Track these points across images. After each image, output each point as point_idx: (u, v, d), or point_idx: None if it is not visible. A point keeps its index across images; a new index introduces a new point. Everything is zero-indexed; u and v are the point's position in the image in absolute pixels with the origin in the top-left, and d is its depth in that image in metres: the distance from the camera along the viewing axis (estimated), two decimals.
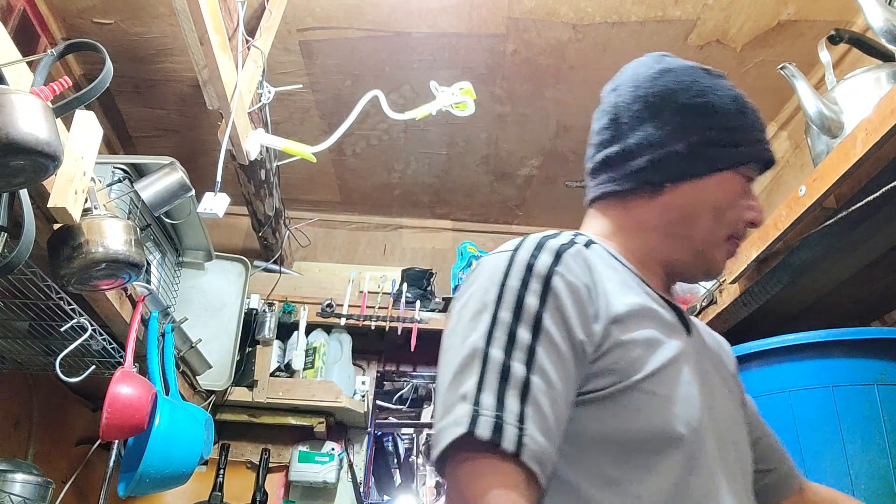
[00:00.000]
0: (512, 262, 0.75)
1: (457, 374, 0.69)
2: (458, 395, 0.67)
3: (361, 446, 2.74)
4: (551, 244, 0.77)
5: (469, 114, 1.97)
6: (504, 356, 0.68)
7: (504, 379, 0.67)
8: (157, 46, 2.24)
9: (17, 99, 0.97)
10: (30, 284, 1.38)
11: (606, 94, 0.95)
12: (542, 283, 0.72)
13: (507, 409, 0.65)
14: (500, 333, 0.69)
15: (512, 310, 0.71)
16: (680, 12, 2.08)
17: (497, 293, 0.72)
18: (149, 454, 1.63)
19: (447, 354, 0.73)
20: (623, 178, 0.88)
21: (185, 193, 1.71)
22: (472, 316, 0.72)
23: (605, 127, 0.92)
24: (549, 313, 0.71)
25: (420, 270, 2.81)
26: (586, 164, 0.96)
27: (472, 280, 0.78)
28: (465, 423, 0.64)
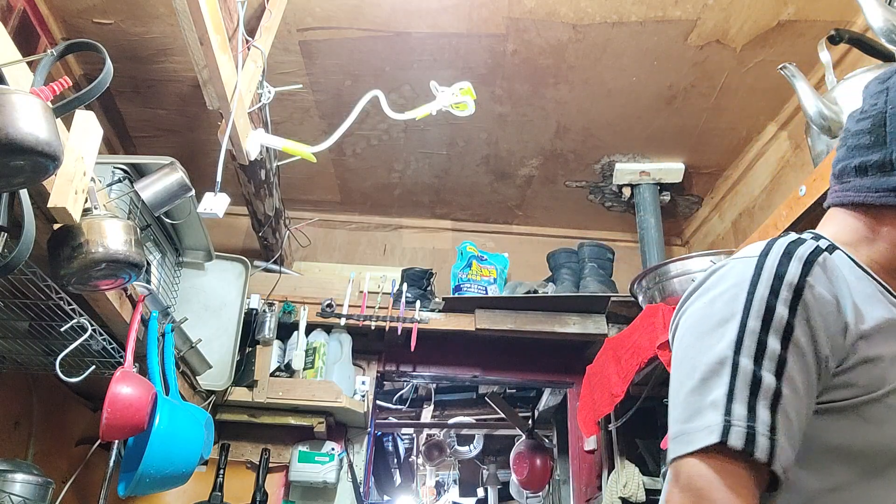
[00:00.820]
0: (760, 268, 0.75)
1: (704, 379, 0.71)
2: (707, 401, 0.69)
3: (361, 446, 2.74)
4: (800, 252, 0.76)
5: (469, 114, 1.97)
6: (754, 365, 0.69)
7: (755, 389, 0.68)
8: (157, 46, 2.24)
9: (17, 99, 0.97)
10: (30, 284, 1.38)
11: (872, 94, 0.89)
12: (792, 294, 0.72)
13: (758, 419, 0.67)
14: (749, 342, 0.70)
15: (761, 318, 0.71)
16: (680, 12, 2.08)
17: (745, 301, 0.73)
18: (149, 454, 1.63)
19: (688, 353, 0.75)
20: (880, 192, 0.84)
21: (185, 193, 1.71)
22: (719, 322, 0.73)
23: (866, 131, 0.87)
24: (798, 324, 0.71)
25: (420, 270, 2.81)
26: (835, 164, 0.92)
27: (715, 281, 0.78)
28: (718, 433, 0.66)
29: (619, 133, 2.63)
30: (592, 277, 2.76)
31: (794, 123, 2.42)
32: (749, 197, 2.73)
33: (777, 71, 1.55)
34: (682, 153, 2.75)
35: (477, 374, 2.91)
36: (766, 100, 2.41)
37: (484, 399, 4.26)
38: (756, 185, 2.68)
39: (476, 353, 2.87)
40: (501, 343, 2.81)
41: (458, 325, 2.66)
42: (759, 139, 2.59)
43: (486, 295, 2.72)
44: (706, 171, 2.84)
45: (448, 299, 2.69)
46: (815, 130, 1.47)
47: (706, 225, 3.09)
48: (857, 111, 0.91)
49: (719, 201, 2.95)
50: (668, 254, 2.85)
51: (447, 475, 6.41)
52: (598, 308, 2.68)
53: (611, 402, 2.18)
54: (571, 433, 2.90)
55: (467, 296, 2.71)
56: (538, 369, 2.93)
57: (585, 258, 2.83)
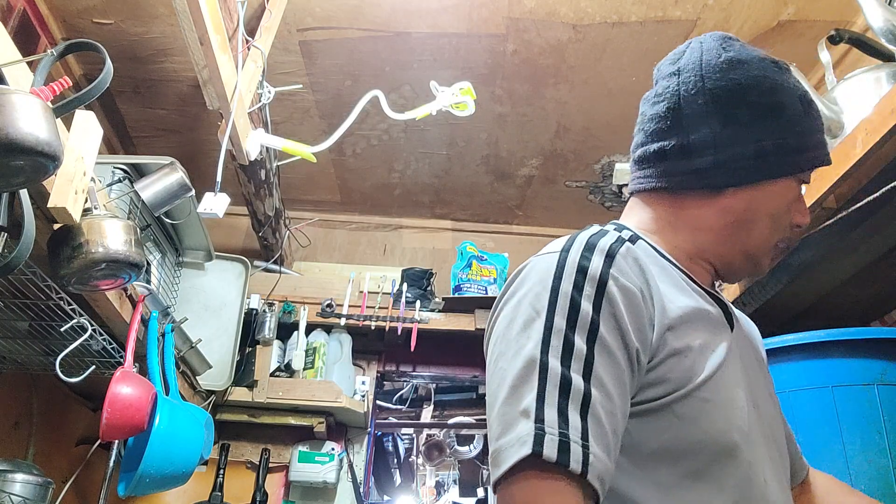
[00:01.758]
0: (563, 264, 0.71)
1: (514, 386, 0.65)
2: (518, 410, 0.64)
3: (361, 446, 2.74)
4: (602, 244, 0.73)
5: (469, 114, 1.97)
6: (562, 367, 0.64)
7: (564, 392, 0.63)
8: (157, 46, 2.24)
9: (17, 99, 0.97)
10: (30, 284, 1.38)
11: (665, 76, 0.88)
12: (595, 287, 0.69)
13: (570, 425, 0.62)
14: (556, 342, 0.66)
15: (566, 315, 0.67)
16: (680, 12, 2.08)
17: (549, 298, 0.69)
18: (149, 454, 1.63)
19: (499, 363, 0.69)
20: (680, 176, 0.82)
21: (185, 193, 1.71)
22: (525, 323, 0.69)
23: (661, 115, 0.85)
24: (604, 320, 0.67)
25: (420, 270, 2.81)
26: (634, 150, 0.89)
27: (519, 283, 0.74)
28: (530, 443, 0.61)
29: (619, 133, 2.63)
30: None
31: None
32: None
33: None
34: None
35: (477, 374, 2.91)
36: None
37: (484, 399, 4.26)
38: None
39: (476, 353, 2.84)
40: None
41: (458, 325, 2.66)
42: None
43: (486, 295, 2.72)
44: None
45: (448, 299, 2.69)
46: None
47: None
48: (650, 93, 0.89)
49: None
50: None
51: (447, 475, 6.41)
52: None
53: None
54: None
55: (467, 296, 2.71)
56: None
57: None
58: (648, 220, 0.86)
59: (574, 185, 2.97)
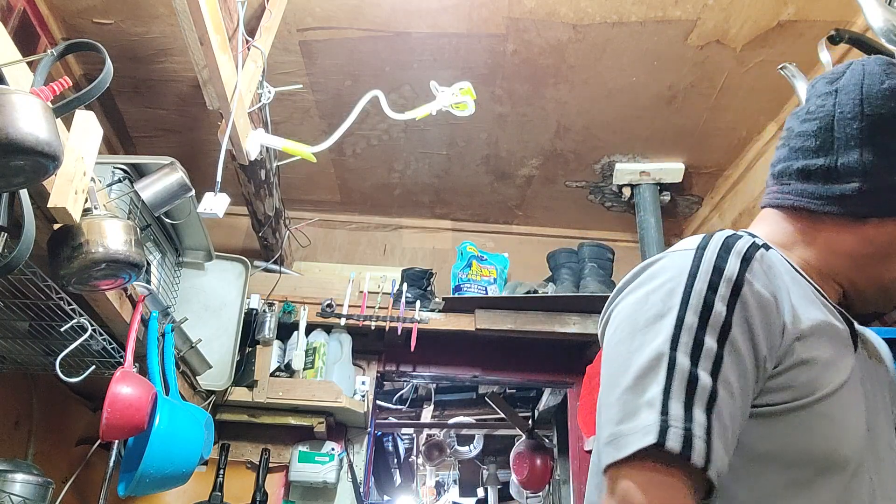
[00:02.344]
0: (698, 262, 0.72)
1: (639, 376, 0.67)
2: (642, 400, 0.66)
3: (361, 446, 2.74)
4: (739, 246, 0.73)
5: (469, 114, 1.97)
6: (690, 363, 0.66)
7: (691, 388, 0.65)
8: (157, 46, 2.24)
9: (17, 99, 0.97)
10: (30, 284, 1.38)
11: (819, 95, 0.85)
12: (730, 290, 0.69)
13: (695, 420, 0.64)
14: (686, 338, 0.67)
15: (698, 314, 0.68)
16: (680, 12, 2.08)
17: (683, 295, 0.70)
18: (149, 454, 1.63)
19: (620, 349, 0.71)
20: (823, 199, 0.81)
21: (185, 193, 1.71)
22: (655, 317, 0.70)
23: (811, 133, 0.83)
24: (736, 322, 0.68)
25: (420, 270, 2.81)
26: (775, 163, 0.88)
27: (650, 275, 0.75)
28: (655, 433, 0.63)
29: (619, 133, 2.63)
30: (592, 277, 2.76)
31: None
32: (749, 197, 2.73)
33: (777, 71, 1.55)
34: (682, 153, 2.75)
35: (477, 374, 2.91)
36: (766, 100, 2.41)
37: (484, 399, 4.27)
38: (756, 184, 2.68)
39: (476, 353, 2.87)
40: (501, 343, 2.81)
41: (458, 325, 2.66)
42: (759, 139, 2.59)
43: (486, 295, 2.72)
44: (706, 171, 2.84)
45: (448, 299, 2.69)
46: None
47: (706, 225, 3.09)
48: (801, 110, 0.87)
49: (719, 201, 2.95)
50: None
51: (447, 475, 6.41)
52: (598, 308, 2.65)
53: None
54: (571, 433, 2.90)
55: (467, 296, 2.71)
56: (538, 369, 2.93)
57: (585, 258, 2.83)
58: (781, 235, 0.85)
59: (574, 185, 2.97)
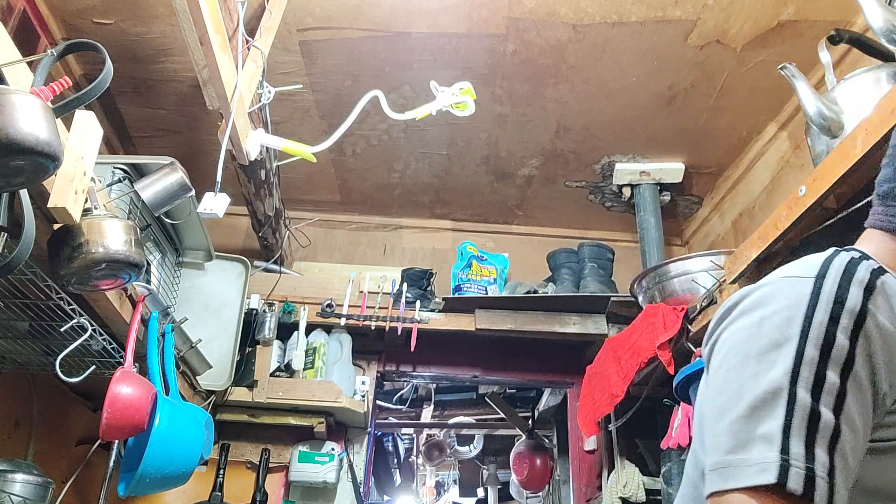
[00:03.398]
0: (818, 292, 0.69)
1: (754, 407, 0.64)
2: (757, 433, 0.63)
3: (361, 446, 2.74)
4: (860, 275, 0.70)
5: (469, 114, 1.97)
6: (812, 399, 0.63)
7: (813, 425, 0.62)
8: (157, 46, 2.24)
9: (17, 99, 0.97)
10: (30, 284, 1.38)
11: None
12: (853, 322, 0.66)
13: (817, 460, 0.61)
14: (806, 373, 0.64)
15: (820, 347, 0.65)
16: (680, 12, 2.08)
17: (802, 325, 0.66)
18: (149, 454, 1.63)
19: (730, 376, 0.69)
20: None
21: (185, 193, 1.71)
22: (770, 346, 0.67)
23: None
24: (859, 355, 0.65)
25: (420, 270, 2.81)
26: (880, 183, 0.88)
27: (761, 300, 0.72)
28: (775, 472, 0.60)
29: (619, 133, 2.63)
30: (592, 277, 2.76)
31: (794, 123, 2.42)
32: (749, 197, 2.73)
33: (777, 71, 1.55)
34: (682, 153, 2.75)
35: (477, 374, 2.91)
36: (766, 100, 2.41)
37: (484, 399, 4.26)
38: (756, 185, 2.68)
39: (476, 353, 2.87)
40: (501, 343, 2.81)
41: (458, 325, 2.66)
42: (759, 139, 2.59)
43: (486, 295, 2.72)
44: (706, 171, 2.84)
45: (448, 299, 2.69)
46: (815, 131, 1.47)
47: (706, 225, 3.09)
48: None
49: (719, 201, 2.95)
50: (668, 254, 2.84)
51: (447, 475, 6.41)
52: (598, 308, 2.68)
53: (611, 403, 2.18)
54: (571, 433, 2.90)
55: (467, 296, 2.71)
56: (538, 369, 2.93)
57: (585, 258, 2.83)
58: (886, 256, 0.82)
59: (574, 185, 2.97)
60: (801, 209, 1.48)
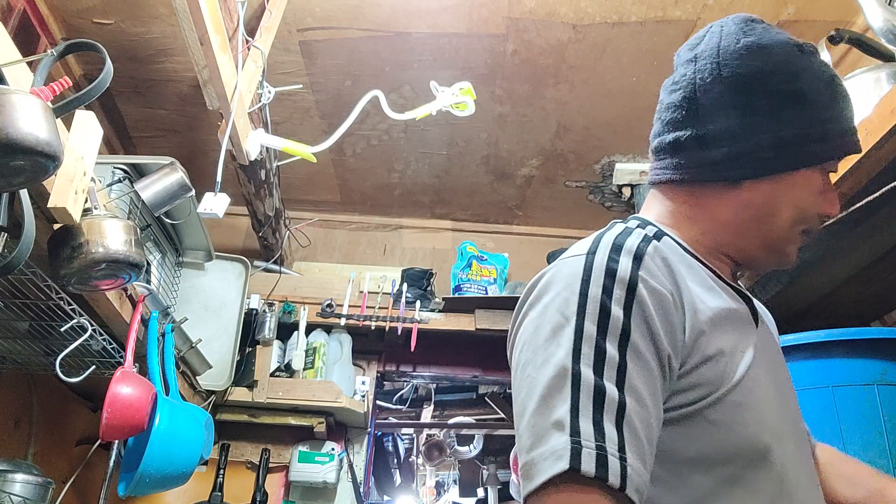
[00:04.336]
0: (590, 267, 0.68)
1: (544, 396, 0.63)
2: (550, 421, 0.61)
3: (361, 446, 2.74)
4: (629, 244, 0.71)
5: (469, 114, 1.97)
6: (595, 376, 0.62)
7: (599, 402, 0.61)
8: (157, 46, 2.24)
9: (17, 99, 0.97)
10: (30, 284, 1.38)
11: (682, 63, 0.84)
12: (625, 290, 0.66)
13: (607, 437, 0.59)
14: (587, 349, 0.63)
15: (596, 321, 0.65)
16: (680, 12, 2.08)
17: (578, 303, 0.66)
18: (149, 454, 1.63)
19: (527, 370, 0.67)
20: (695, 168, 0.79)
21: (185, 193, 1.71)
22: (554, 329, 0.66)
23: (677, 104, 0.82)
24: (635, 324, 0.65)
25: (420, 270, 2.81)
26: (651, 140, 0.87)
27: (543, 287, 0.71)
28: (567, 458, 0.58)
29: (619, 133, 2.63)
30: None
31: None
32: None
33: None
34: None
35: (477, 374, 2.91)
36: None
37: (484, 399, 4.27)
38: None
39: (476, 353, 2.87)
40: (501, 343, 2.80)
41: (458, 325, 2.66)
42: None
43: (486, 295, 2.72)
44: None
45: (448, 299, 2.69)
46: None
47: None
48: (668, 81, 0.85)
49: None
50: None
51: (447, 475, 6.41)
52: None
53: None
54: None
55: (467, 296, 2.71)
56: None
57: None
58: (667, 214, 0.84)
59: (574, 185, 2.97)
60: None
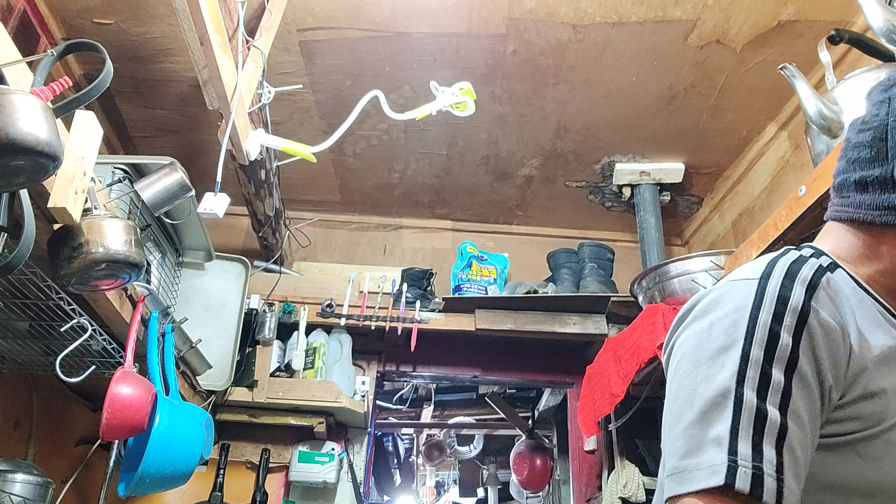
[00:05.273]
0: (762, 292, 0.71)
1: (704, 412, 0.67)
2: (708, 437, 0.65)
3: (361, 446, 2.74)
4: (804, 274, 0.72)
5: (469, 114, 1.97)
6: (758, 399, 0.65)
7: (759, 425, 0.64)
8: (157, 46, 2.24)
9: (18, 99, 0.97)
10: (30, 284, 1.38)
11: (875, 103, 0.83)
12: (796, 319, 0.68)
13: (765, 458, 0.63)
14: (752, 373, 0.66)
15: (764, 347, 0.67)
16: (680, 12, 2.08)
17: (747, 327, 0.69)
18: (149, 454, 1.63)
19: (685, 382, 0.71)
20: (881, 210, 0.78)
21: (185, 193, 1.71)
22: (719, 350, 0.69)
23: (867, 143, 0.81)
24: (803, 352, 0.67)
25: (420, 270, 2.81)
26: (836, 175, 0.88)
27: (711, 304, 0.74)
28: (723, 473, 0.62)
29: (619, 133, 2.63)
30: (592, 277, 2.76)
31: (794, 123, 2.42)
32: (749, 197, 2.73)
33: (777, 71, 1.55)
34: (682, 153, 2.75)
35: (477, 374, 2.91)
36: (766, 100, 2.41)
37: (484, 399, 4.27)
38: (756, 185, 2.68)
39: (476, 353, 2.87)
40: (501, 343, 2.81)
41: (458, 325, 2.66)
42: (759, 139, 2.59)
43: (486, 295, 2.72)
44: (706, 171, 2.84)
45: (448, 299, 2.69)
46: (815, 130, 1.47)
47: (706, 225, 3.09)
48: (858, 120, 0.85)
49: (719, 201, 2.95)
50: (668, 254, 2.85)
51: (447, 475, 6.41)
52: (598, 308, 2.68)
53: (611, 402, 2.18)
54: (571, 433, 2.90)
55: (467, 296, 2.71)
56: (538, 369, 2.93)
57: (585, 258, 2.83)
58: (846, 249, 0.83)
59: (574, 185, 2.97)
60: (801, 209, 1.48)
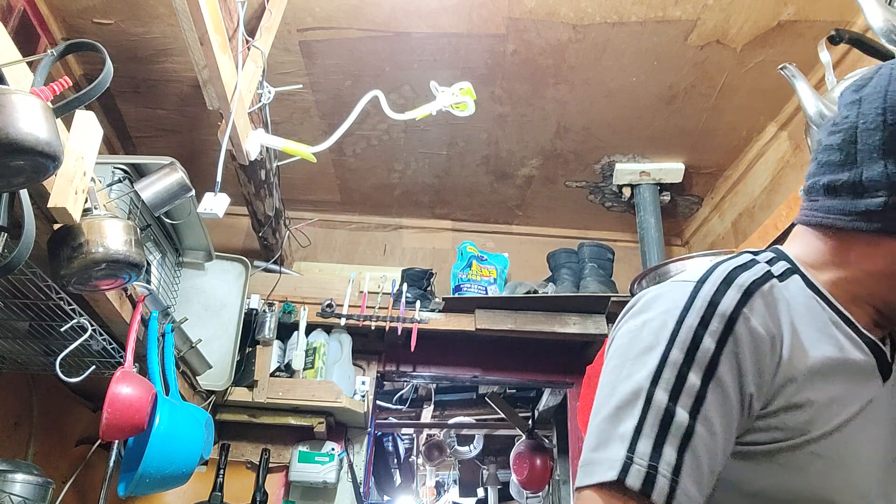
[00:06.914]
0: (694, 296, 0.71)
1: (618, 407, 0.68)
2: (616, 432, 0.66)
3: (361, 446, 2.74)
4: (743, 279, 0.72)
5: (469, 114, 1.97)
6: (669, 401, 0.66)
7: (665, 425, 0.65)
8: (157, 46, 2.24)
9: (18, 99, 0.97)
10: (30, 284, 1.38)
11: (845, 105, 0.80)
12: (723, 325, 0.68)
13: (663, 458, 0.64)
14: (668, 374, 0.67)
15: (685, 350, 0.68)
16: (680, 12, 2.08)
17: (673, 329, 0.69)
18: (149, 454, 1.63)
19: (610, 377, 0.72)
20: (850, 215, 0.77)
21: (185, 193, 1.71)
22: (643, 350, 0.70)
23: (836, 146, 0.79)
24: (725, 359, 0.67)
25: (420, 270, 2.81)
26: (806, 179, 0.85)
27: (649, 303, 0.74)
28: (617, 469, 0.64)
29: (619, 133, 2.63)
30: (592, 277, 2.76)
31: (794, 123, 2.42)
32: (749, 197, 2.73)
33: (777, 71, 1.55)
34: (682, 153, 2.75)
35: (477, 374, 2.91)
36: (766, 100, 2.41)
37: (484, 399, 4.27)
38: (756, 185, 2.68)
39: (476, 353, 2.87)
40: (501, 343, 2.81)
41: (458, 325, 2.66)
42: (759, 139, 2.59)
43: (486, 295, 2.72)
44: (706, 171, 2.84)
45: (448, 299, 2.69)
46: (815, 131, 1.47)
47: (706, 225, 3.09)
48: (829, 122, 0.83)
49: (719, 201, 2.95)
50: (668, 254, 2.85)
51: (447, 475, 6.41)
52: (598, 308, 2.68)
53: None
54: (571, 433, 2.90)
55: (467, 296, 2.71)
56: (538, 369, 2.93)
57: (585, 258, 2.83)
58: (813, 254, 0.81)
59: (574, 185, 2.97)
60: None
